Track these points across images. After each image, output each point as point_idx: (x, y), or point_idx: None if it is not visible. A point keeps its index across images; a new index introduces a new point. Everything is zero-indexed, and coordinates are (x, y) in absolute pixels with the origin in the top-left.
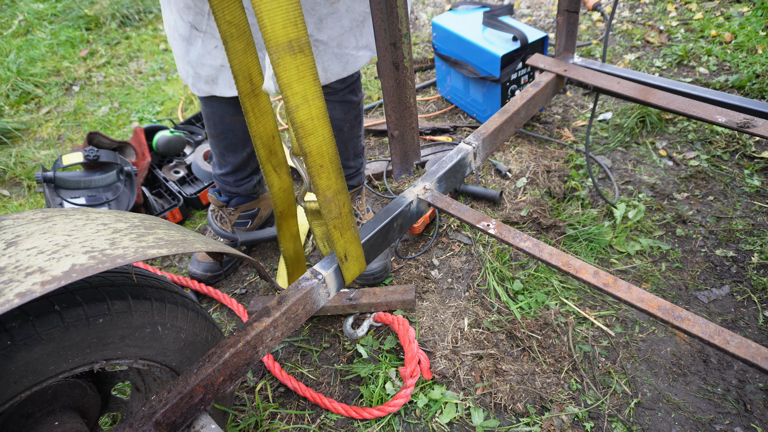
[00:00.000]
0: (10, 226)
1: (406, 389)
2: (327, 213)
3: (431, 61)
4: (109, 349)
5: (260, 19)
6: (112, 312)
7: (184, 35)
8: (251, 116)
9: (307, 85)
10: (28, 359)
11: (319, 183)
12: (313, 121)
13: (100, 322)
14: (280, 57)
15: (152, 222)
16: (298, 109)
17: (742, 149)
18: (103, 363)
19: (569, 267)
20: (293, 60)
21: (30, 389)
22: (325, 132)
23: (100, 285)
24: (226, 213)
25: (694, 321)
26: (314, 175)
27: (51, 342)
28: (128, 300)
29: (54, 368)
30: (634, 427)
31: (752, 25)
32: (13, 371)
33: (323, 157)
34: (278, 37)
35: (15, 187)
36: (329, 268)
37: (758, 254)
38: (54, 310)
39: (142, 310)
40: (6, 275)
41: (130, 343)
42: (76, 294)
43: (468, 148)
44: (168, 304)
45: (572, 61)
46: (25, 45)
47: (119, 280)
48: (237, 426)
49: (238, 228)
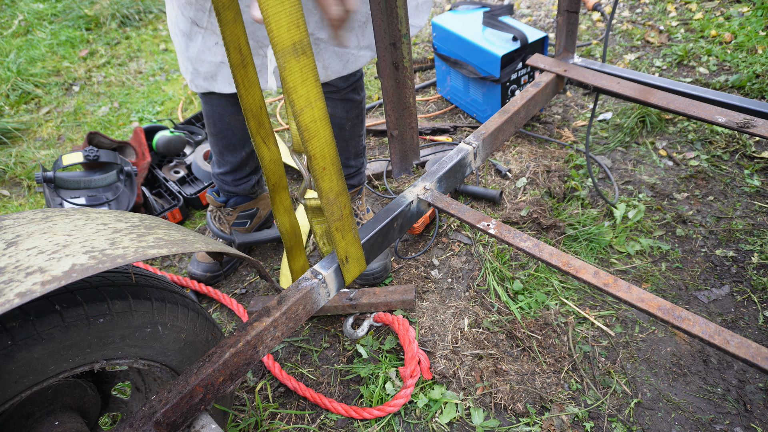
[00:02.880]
0: (10, 226)
1: (406, 389)
2: (329, 215)
3: (431, 61)
4: (110, 349)
5: (267, 23)
6: (113, 312)
7: (184, 31)
8: (242, 88)
9: (310, 88)
10: (29, 359)
11: (323, 185)
12: (315, 123)
13: (101, 322)
14: (286, 60)
15: (152, 222)
16: (303, 112)
17: (742, 149)
18: (104, 363)
19: (569, 267)
20: (297, 62)
21: (30, 389)
22: (327, 134)
23: (101, 285)
24: (225, 213)
25: (694, 321)
26: (318, 177)
27: (51, 342)
28: (129, 300)
29: (54, 368)
30: (634, 427)
31: (752, 25)
32: (14, 371)
33: (325, 159)
34: (283, 40)
35: (15, 187)
36: (329, 268)
37: (758, 254)
38: (54, 310)
39: (142, 310)
40: (6, 275)
41: (130, 342)
42: (76, 294)
43: (468, 148)
44: (168, 304)
45: (572, 61)
46: (25, 45)
47: (120, 280)
48: (237, 426)
49: (235, 230)
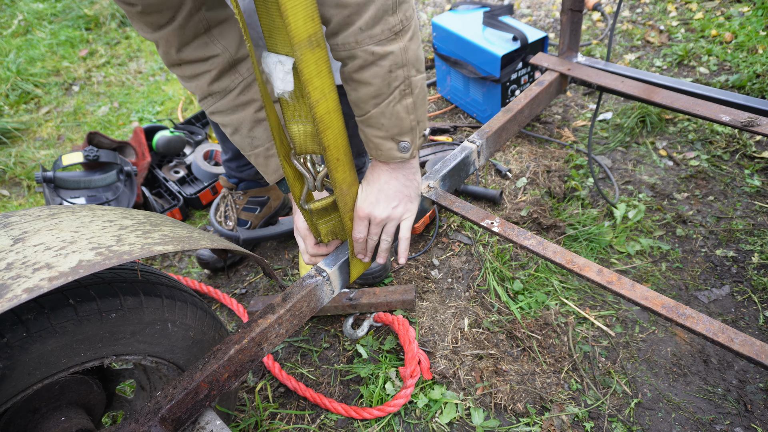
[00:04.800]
0: (17, 223)
1: (406, 389)
2: (343, 206)
3: (431, 61)
4: (120, 345)
5: (285, 17)
6: (125, 307)
7: None
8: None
9: (324, 79)
10: (42, 351)
11: (336, 176)
12: (330, 115)
13: (113, 317)
14: (302, 53)
15: (158, 219)
16: (318, 104)
17: (742, 149)
18: (113, 358)
19: (573, 265)
20: (312, 55)
21: (42, 381)
22: (340, 124)
23: (113, 281)
24: (236, 197)
25: (698, 318)
26: (332, 169)
27: (65, 335)
28: (140, 296)
29: (66, 361)
30: (634, 427)
31: (752, 24)
32: (28, 363)
33: (339, 150)
34: (300, 33)
35: (15, 187)
36: (333, 266)
37: (758, 254)
38: (68, 304)
39: (153, 307)
40: (14, 271)
41: (140, 339)
42: (90, 289)
43: (472, 147)
44: (178, 302)
45: (576, 60)
46: (25, 45)
47: (131, 277)
48: (237, 426)
49: (240, 227)
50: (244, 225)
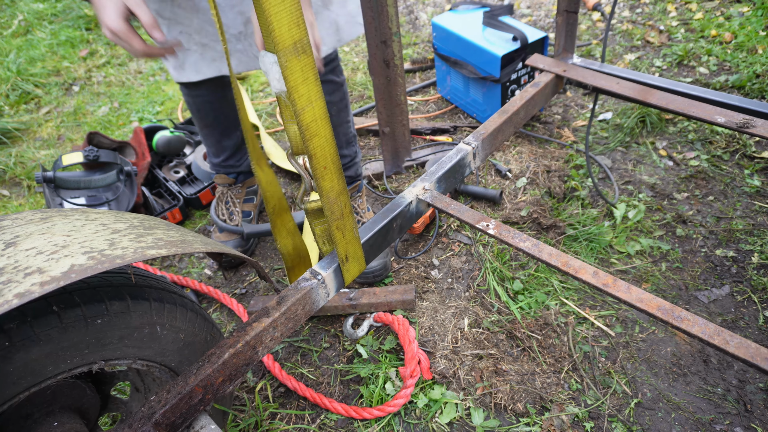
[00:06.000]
0: (9, 227)
1: (406, 389)
2: (330, 214)
3: (431, 61)
4: (108, 350)
5: (269, 23)
6: (111, 312)
7: None
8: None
9: (311, 87)
10: (27, 360)
11: (323, 185)
12: (316, 123)
13: (99, 323)
14: (287, 60)
15: (151, 222)
16: (305, 111)
17: (742, 149)
18: (102, 363)
19: (569, 267)
20: (298, 62)
21: (28, 390)
22: (327, 132)
23: (99, 285)
24: (235, 192)
25: (693, 321)
26: (319, 177)
27: (49, 343)
28: (127, 300)
29: (53, 369)
30: (634, 427)
31: (752, 25)
32: (12, 372)
33: (326, 159)
34: (285, 39)
35: (15, 187)
36: (329, 269)
37: (758, 254)
38: (52, 311)
39: (140, 311)
40: (5, 276)
41: (128, 343)
42: (74, 294)
43: (467, 149)
44: (167, 305)
45: (572, 61)
46: (25, 45)
47: (118, 281)
48: (237, 426)
49: (244, 221)
50: (248, 217)
